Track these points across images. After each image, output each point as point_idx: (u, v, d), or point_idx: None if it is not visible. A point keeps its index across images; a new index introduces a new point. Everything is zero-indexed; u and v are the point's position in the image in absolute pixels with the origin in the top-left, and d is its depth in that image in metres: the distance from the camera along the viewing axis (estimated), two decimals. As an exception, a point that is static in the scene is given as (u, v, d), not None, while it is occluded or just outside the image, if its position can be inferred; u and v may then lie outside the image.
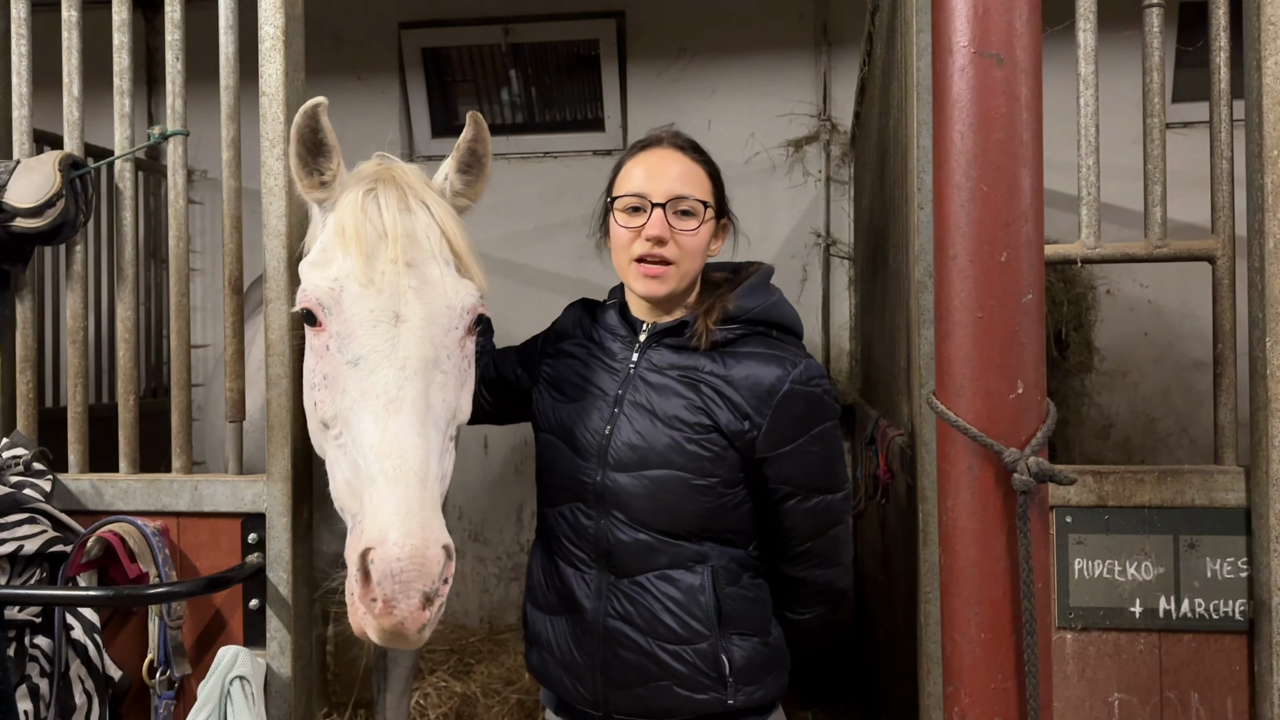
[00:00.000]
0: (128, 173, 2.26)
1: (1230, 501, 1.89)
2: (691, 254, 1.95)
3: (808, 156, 5.22)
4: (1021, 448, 1.55)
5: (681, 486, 1.90)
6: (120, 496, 2.18)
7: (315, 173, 1.89)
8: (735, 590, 1.95)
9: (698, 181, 1.98)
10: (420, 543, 1.52)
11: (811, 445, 1.93)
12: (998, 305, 1.56)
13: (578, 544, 1.99)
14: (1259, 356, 1.86)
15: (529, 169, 5.38)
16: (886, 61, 2.88)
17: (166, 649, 2.07)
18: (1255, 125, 1.86)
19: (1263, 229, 1.84)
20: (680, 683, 1.90)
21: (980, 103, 1.56)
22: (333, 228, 1.85)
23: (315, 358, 1.83)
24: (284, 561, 2.10)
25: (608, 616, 1.94)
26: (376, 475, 1.61)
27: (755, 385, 1.90)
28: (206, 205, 5.30)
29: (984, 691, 1.57)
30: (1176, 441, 5.00)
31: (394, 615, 1.51)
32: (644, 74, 5.30)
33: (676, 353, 1.98)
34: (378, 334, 1.73)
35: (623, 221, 1.96)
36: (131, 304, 2.26)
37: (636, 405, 1.95)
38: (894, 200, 2.65)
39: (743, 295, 2.00)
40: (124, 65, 2.25)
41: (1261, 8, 1.83)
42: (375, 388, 1.69)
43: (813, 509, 1.96)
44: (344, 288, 1.77)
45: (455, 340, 1.82)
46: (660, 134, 2.03)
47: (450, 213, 1.91)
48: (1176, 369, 4.99)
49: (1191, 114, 4.41)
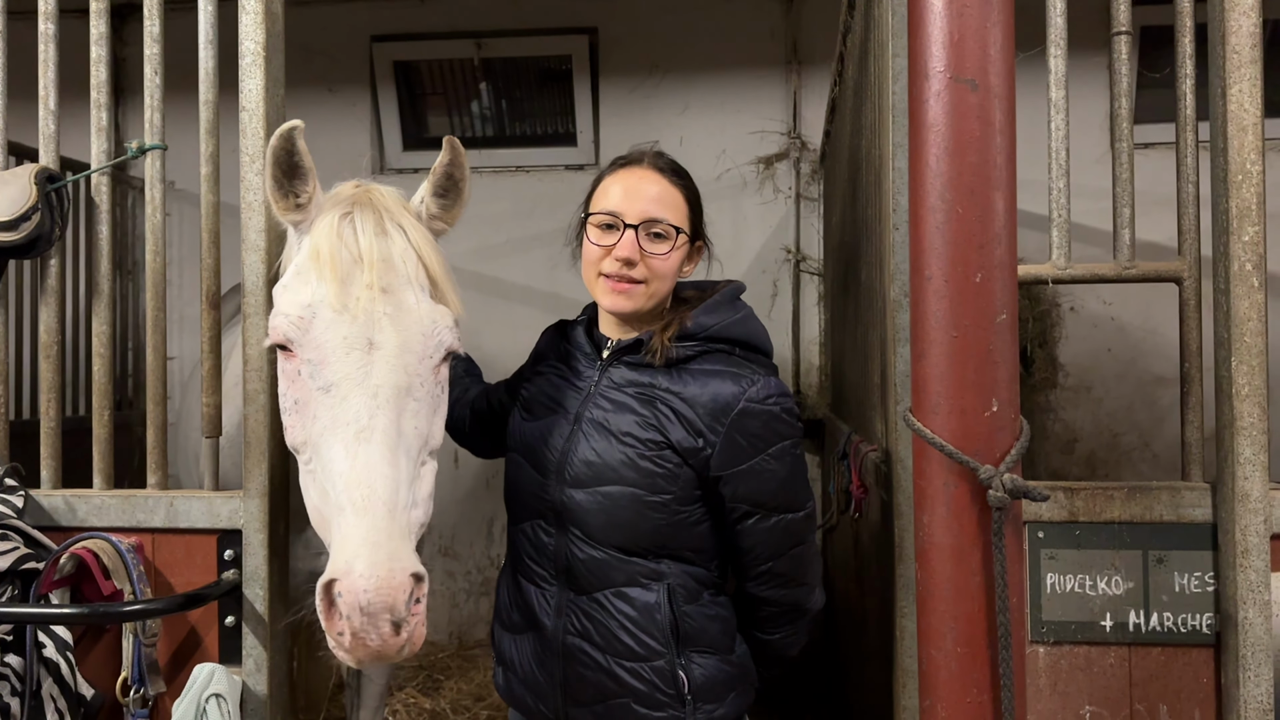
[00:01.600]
0: (104, 186, 2.25)
1: (1197, 517, 1.94)
2: (660, 276, 1.96)
3: (778, 173, 5.27)
4: (996, 464, 1.57)
5: (634, 503, 1.89)
6: (94, 513, 2.17)
7: (291, 195, 1.87)
8: (694, 608, 1.94)
9: (674, 205, 1.97)
10: (386, 573, 1.52)
11: (768, 464, 1.90)
12: (972, 325, 1.58)
13: (539, 561, 1.99)
14: (1225, 376, 1.91)
15: (501, 183, 5.39)
16: (859, 83, 2.93)
17: (140, 667, 2.05)
18: (1220, 150, 1.92)
19: (1228, 252, 1.89)
20: (638, 700, 1.89)
21: (955, 127, 1.59)
22: (308, 251, 1.82)
23: (287, 382, 1.81)
24: (260, 578, 2.09)
25: (567, 634, 1.94)
26: (345, 505, 1.60)
27: (710, 403, 1.89)
28: (174, 217, 5.26)
29: (960, 705, 1.59)
30: (1139, 456, 5.08)
31: (366, 647, 1.53)
32: (616, 90, 5.33)
33: (635, 370, 1.98)
34: (350, 361, 1.71)
35: (595, 238, 1.96)
36: (107, 318, 2.25)
37: (594, 422, 1.95)
38: (866, 219, 2.69)
39: (702, 313, 1.99)
40: (101, 79, 2.24)
41: (1226, 36, 1.89)
42: (346, 415, 1.68)
43: (772, 528, 1.94)
44: (317, 313, 1.75)
45: (429, 368, 1.80)
46: (642, 153, 2.03)
47: (427, 237, 1.89)
48: (1139, 384, 5.07)
49: (1154, 135, 4.49)
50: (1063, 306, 5.08)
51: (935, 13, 1.59)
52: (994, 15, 1.58)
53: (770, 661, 2.10)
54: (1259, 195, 1.88)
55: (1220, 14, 1.91)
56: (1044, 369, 5.05)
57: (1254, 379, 1.88)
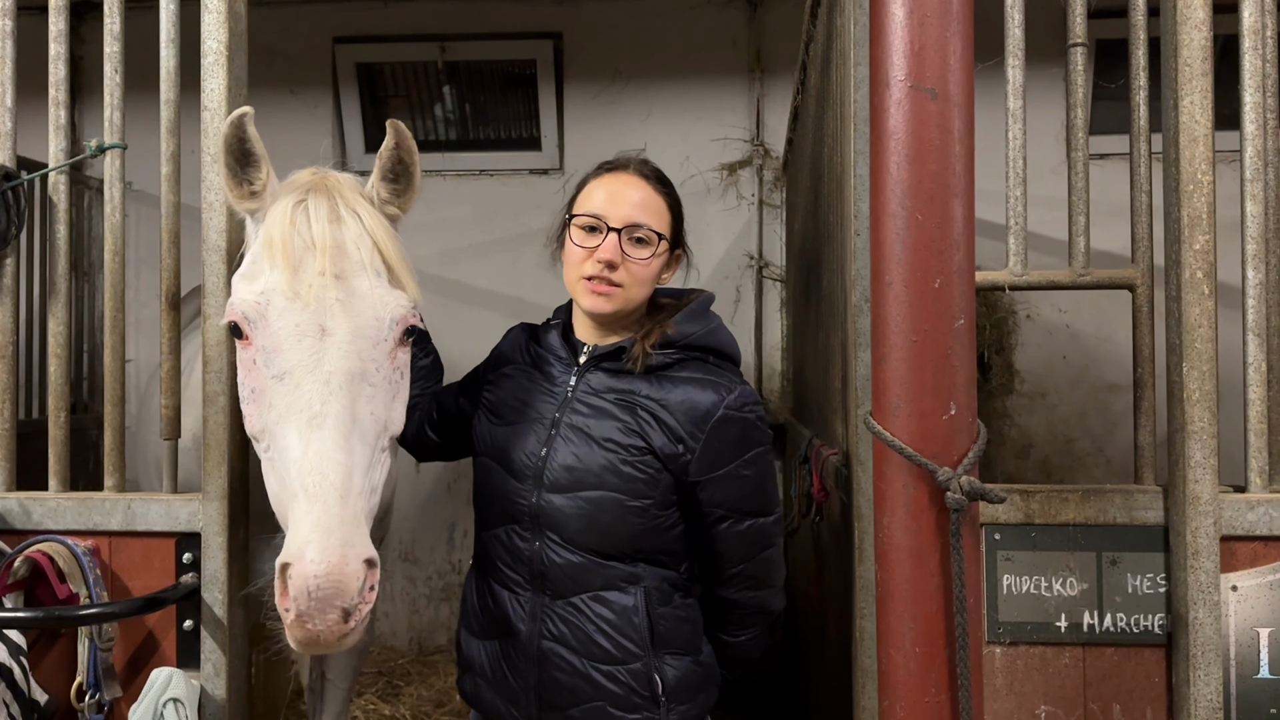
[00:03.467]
0: (62, 185, 2.22)
1: (1150, 519, 1.98)
2: (640, 282, 1.97)
3: (741, 180, 5.31)
4: (954, 467, 1.60)
5: (616, 507, 1.91)
6: (50, 515, 2.13)
7: (245, 183, 1.87)
8: (668, 610, 1.96)
9: (657, 212, 2.00)
10: (338, 559, 1.54)
11: (744, 470, 1.95)
12: (932, 330, 1.61)
13: (513, 566, 1.99)
14: (1176, 381, 1.95)
15: (464, 186, 5.38)
16: (821, 91, 2.96)
17: (96, 671, 2.03)
18: (1172, 161, 1.96)
19: (1179, 259, 1.94)
20: (614, 703, 1.91)
21: (915, 135, 1.62)
22: (262, 239, 1.83)
23: (244, 371, 1.81)
24: (219, 582, 2.07)
25: (542, 639, 1.94)
26: (298, 491, 1.62)
27: (690, 410, 1.92)
28: (132, 218, 5.18)
29: (918, 705, 1.61)
30: (1093, 461, 5.17)
31: (309, 630, 1.54)
32: (581, 95, 5.34)
33: (614, 376, 1.99)
34: (302, 348, 1.72)
35: (578, 240, 1.98)
36: (64, 318, 2.22)
37: (573, 428, 1.96)
38: (828, 225, 2.72)
39: (682, 321, 2.02)
40: (60, 76, 2.22)
41: (1178, 50, 1.93)
42: (299, 403, 1.69)
43: (745, 532, 1.98)
44: (270, 301, 1.76)
45: (385, 352, 1.80)
46: (628, 159, 2.05)
47: (382, 222, 1.89)
48: (1093, 391, 5.16)
49: (1106, 146, 4.58)
50: (1019, 314, 5.15)
51: (896, 22, 1.61)
52: (954, 25, 1.60)
53: (734, 663, 2.12)
54: (1209, 205, 1.93)
55: (1172, 28, 1.95)
56: (1000, 375, 5.12)
57: (1204, 384, 1.92)
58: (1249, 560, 1.93)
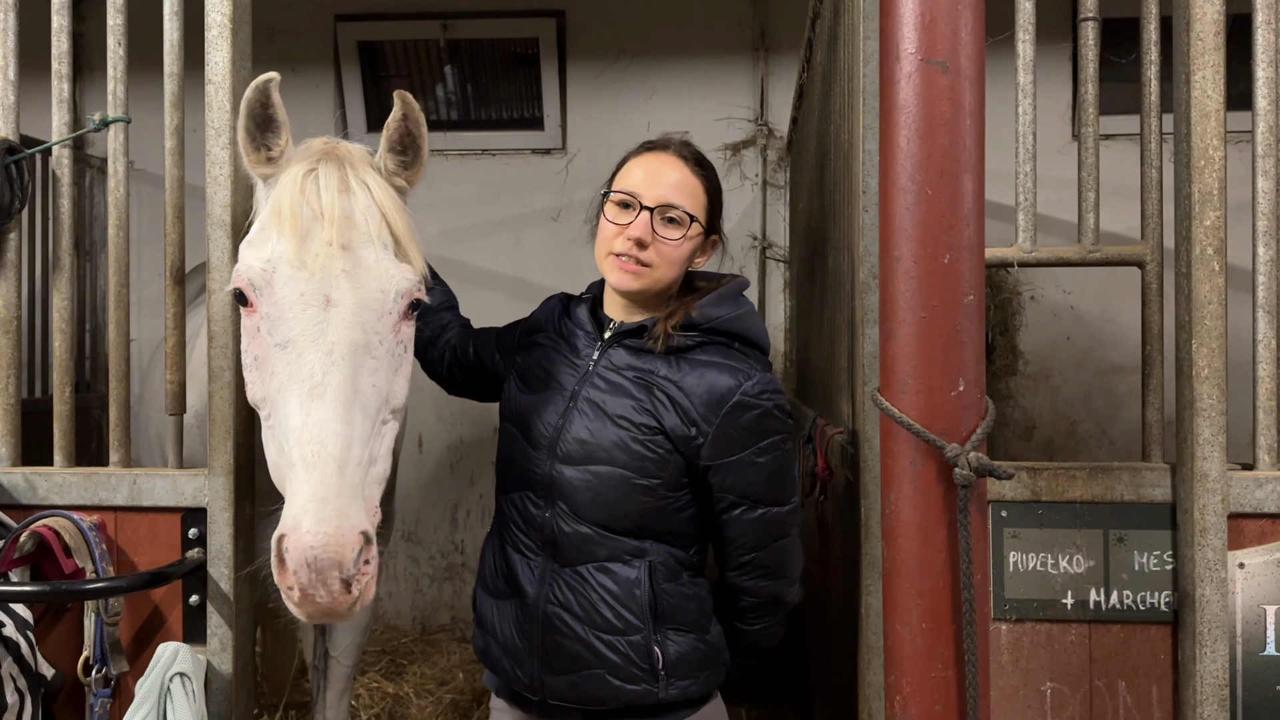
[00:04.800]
0: (66, 159, 2.21)
1: (1157, 497, 1.97)
2: (670, 262, 1.97)
3: (745, 160, 5.28)
4: (962, 443, 1.59)
5: (622, 484, 1.92)
6: (55, 490, 2.13)
7: (263, 148, 1.87)
8: (673, 587, 1.97)
9: (692, 194, 2.00)
10: (334, 530, 1.54)
11: (758, 457, 1.93)
12: (940, 305, 1.60)
13: (525, 531, 2.01)
14: (1185, 358, 1.94)
15: (467, 166, 5.36)
16: (828, 67, 2.94)
17: (103, 646, 2.03)
18: (1184, 136, 1.95)
19: (1190, 235, 1.93)
20: (613, 672, 1.92)
21: (926, 109, 1.60)
22: (271, 206, 1.83)
23: (248, 338, 1.82)
24: (225, 557, 2.07)
25: (548, 603, 1.96)
26: (296, 461, 1.62)
27: (706, 393, 1.92)
28: (135, 198, 5.16)
29: (925, 681, 1.61)
30: (1096, 443, 5.16)
31: (315, 603, 1.55)
32: (584, 74, 5.31)
33: (635, 354, 1.99)
34: (306, 317, 1.73)
35: (612, 215, 1.99)
36: (68, 293, 2.21)
37: (590, 402, 1.97)
38: (835, 203, 2.71)
39: (709, 304, 2.01)
40: (63, 49, 2.20)
41: (1190, 24, 1.92)
42: (301, 372, 1.69)
43: (757, 520, 1.97)
44: (276, 269, 1.76)
45: (389, 325, 1.81)
46: (669, 139, 2.06)
47: (391, 195, 1.89)
48: (1097, 373, 5.15)
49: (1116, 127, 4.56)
50: (1024, 295, 5.14)
51: (907, -6, 1.60)
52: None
53: (748, 652, 2.12)
54: (1220, 180, 1.91)
55: (1185, 2, 1.94)
56: (1005, 356, 5.11)
57: (1214, 361, 1.91)
58: (1256, 538, 1.93)
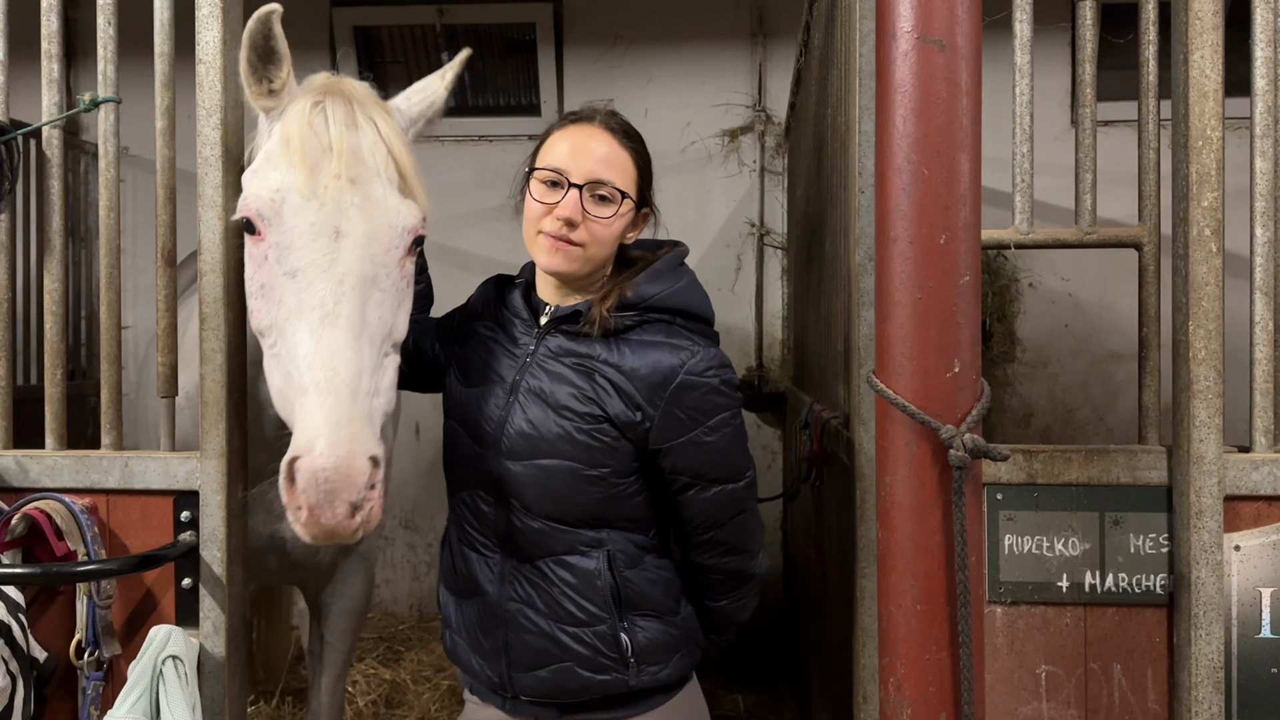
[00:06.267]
0: (56, 140, 2.19)
1: (1153, 480, 1.96)
2: (601, 242, 1.90)
3: (743, 147, 5.27)
4: (958, 425, 1.58)
5: (570, 476, 1.87)
6: (47, 473, 2.12)
7: (265, 80, 1.90)
8: (635, 573, 1.93)
9: (621, 168, 1.92)
10: (346, 453, 1.58)
11: (706, 436, 1.88)
12: (936, 286, 1.59)
13: (479, 529, 1.98)
14: (1182, 340, 1.93)
15: (463, 152, 5.34)
16: (825, 50, 2.92)
17: (95, 629, 2.02)
18: (1182, 117, 1.93)
19: (1188, 217, 1.92)
20: (581, 664, 1.89)
21: (922, 88, 1.59)
22: (278, 138, 1.85)
23: (254, 266, 1.84)
24: (218, 540, 2.06)
25: (509, 600, 1.93)
26: (309, 386, 1.65)
27: (649, 376, 1.85)
28: (128, 183, 5.15)
29: (919, 663, 1.61)
30: (1094, 430, 5.16)
31: (320, 525, 1.59)
32: (581, 60, 5.30)
33: (573, 340, 1.93)
34: (317, 247, 1.75)
35: (538, 194, 1.91)
36: (60, 275, 2.20)
37: (531, 393, 1.91)
38: (832, 187, 2.70)
39: (644, 281, 1.94)
40: (53, 29, 2.18)
41: (1189, 3, 1.90)
42: (312, 300, 1.72)
43: (713, 498, 1.93)
44: (285, 199, 1.78)
45: (395, 260, 1.83)
46: (594, 110, 1.98)
47: (397, 131, 1.92)
48: (1094, 360, 5.15)
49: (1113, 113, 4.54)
50: (1021, 282, 5.13)
51: (904, -28, 1.59)
52: (962, -25, 1.58)
53: (721, 628, 2.10)
54: (1218, 161, 1.90)
55: (1183, -19, 1.92)
56: (1002, 343, 5.11)
57: (1210, 343, 1.90)
58: (1252, 520, 1.93)
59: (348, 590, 2.80)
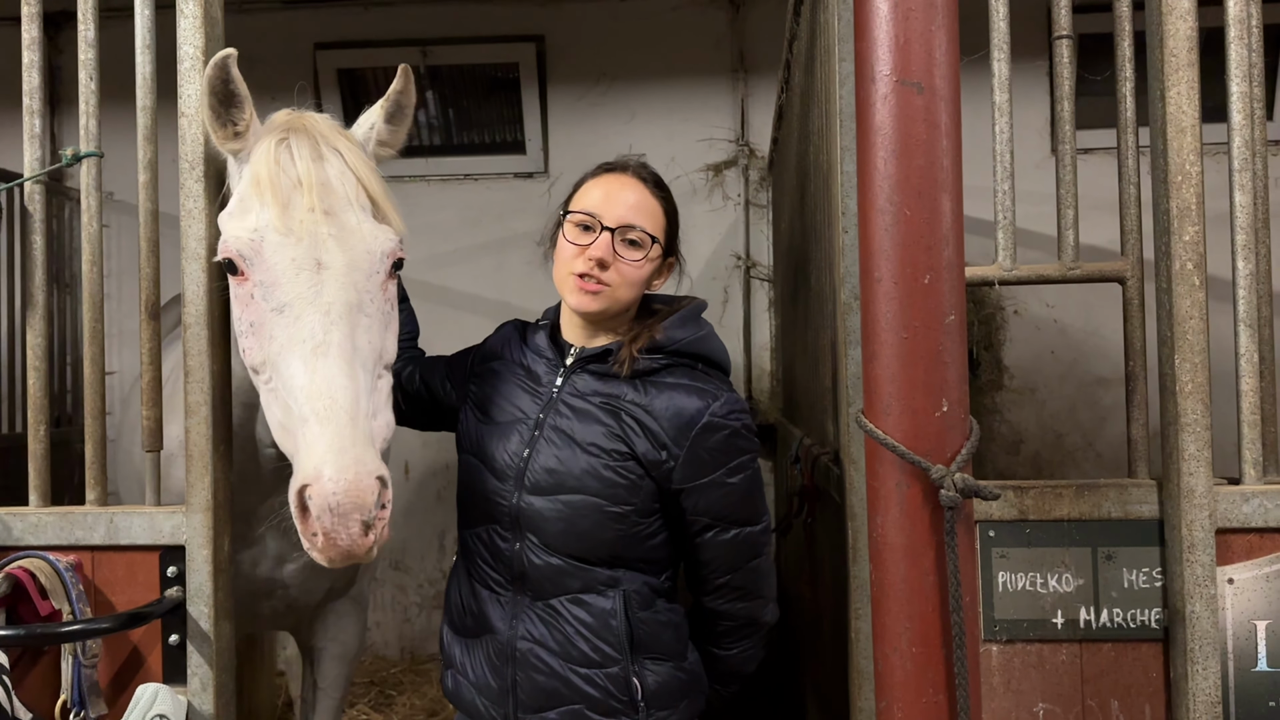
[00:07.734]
0: (38, 195, 2.18)
1: (1144, 513, 1.96)
2: (630, 284, 1.96)
3: (727, 180, 5.30)
4: (948, 464, 1.58)
5: (595, 512, 1.90)
6: (30, 531, 2.10)
7: (229, 124, 1.93)
8: (648, 615, 1.94)
9: (651, 215, 2.00)
10: (354, 476, 1.61)
11: (729, 478, 1.93)
12: (922, 326, 1.59)
13: (494, 566, 1.99)
14: (1169, 373, 1.93)
15: (449, 191, 5.36)
16: (806, 89, 2.94)
17: (81, 689, 1.99)
18: (1160, 152, 1.95)
19: (1169, 251, 1.92)
20: (592, 706, 1.89)
21: (902, 130, 1.60)
22: (248, 178, 1.89)
23: (240, 306, 1.87)
24: (205, 595, 2.04)
25: (521, 639, 1.93)
26: (309, 415, 1.68)
27: (675, 416, 1.91)
28: (113, 228, 5.14)
29: (916, 706, 1.59)
30: (1083, 455, 5.17)
31: (337, 547, 1.61)
32: (565, 97, 5.33)
33: (600, 379, 1.98)
34: (301, 281, 1.79)
35: (571, 237, 1.97)
36: (43, 330, 2.18)
37: (557, 430, 1.95)
38: (816, 224, 2.71)
39: (672, 326, 2.01)
40: (34, 84, 2.18)
41: (1164, 41, 1.92)
42: (302, 333, 1.75)
43: (731, 541, 1.96)
44: (264, 237, 1.82)
45: (377, 284, 1.87)
46: (627, 161, 2.07)
47: (363, 159, 1.96)
48: (1081, 385, 5.16)
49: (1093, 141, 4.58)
50: (1007, 310, 5.15)
51: (881, 17, 1.60)
52: (939, 19, 1.59)
53: (727, 677, 2.11)
54: (1198, 195, 1.91)
55: (1158, 18, 1.94)
56: (990, 371, 5.12)
57: (1197, 376, 1.91)
58: (1245, 552, 1.92)
59: (341, 635, 2.77)
